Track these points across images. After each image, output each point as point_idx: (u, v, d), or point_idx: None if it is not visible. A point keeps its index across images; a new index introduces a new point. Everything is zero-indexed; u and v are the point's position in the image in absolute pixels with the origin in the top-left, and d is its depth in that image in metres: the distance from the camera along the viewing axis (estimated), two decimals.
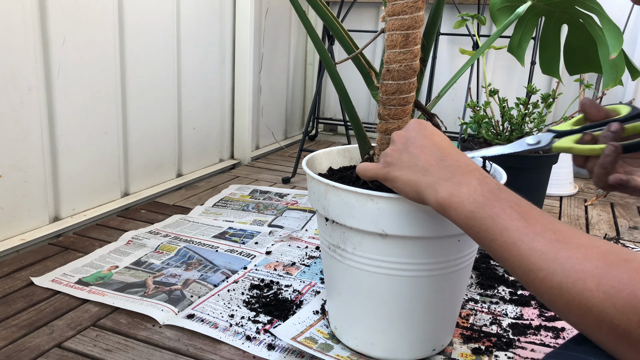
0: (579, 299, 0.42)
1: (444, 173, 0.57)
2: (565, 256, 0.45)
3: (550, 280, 0.45)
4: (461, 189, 0.55)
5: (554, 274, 0.45)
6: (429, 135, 0.63)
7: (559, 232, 0.47)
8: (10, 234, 1.18)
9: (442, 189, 0.56)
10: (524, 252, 0.47)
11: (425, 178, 0.59)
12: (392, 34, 0.69)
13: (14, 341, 0.84)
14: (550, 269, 0.45)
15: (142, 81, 1.51)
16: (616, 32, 0.79)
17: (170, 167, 1.70)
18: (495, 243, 0.50)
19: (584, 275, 0.43)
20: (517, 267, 0.48)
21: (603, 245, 0.44)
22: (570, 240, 0.46)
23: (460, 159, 0.59)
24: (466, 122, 1.40)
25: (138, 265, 1.11)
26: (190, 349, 0.84)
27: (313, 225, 1.38)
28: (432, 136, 0.62)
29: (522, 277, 0.48)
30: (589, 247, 0.44)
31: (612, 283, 0.41)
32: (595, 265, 0.42)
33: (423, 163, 0.60)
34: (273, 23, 2.20)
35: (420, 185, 0.59)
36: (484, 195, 0.53)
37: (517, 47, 1.04)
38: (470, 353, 0.84)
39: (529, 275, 0.47)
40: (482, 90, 2.21)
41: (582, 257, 0.44)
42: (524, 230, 0.48)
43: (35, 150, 1.20)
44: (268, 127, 2.32)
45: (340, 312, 0.83)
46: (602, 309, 0.41)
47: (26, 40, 1.14)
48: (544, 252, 0.46)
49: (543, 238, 0.47)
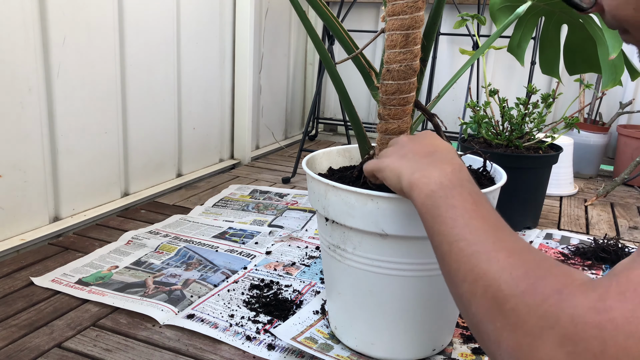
0: (482, 265, 0.43)
1: (426, 161, 0.59)
2: (495, 235, 0.46)
3: (467, 248, 0.45)
4: (434, 172, 0.56)
5: (473, 244, 0.45)
6: (429, 137, 0.65)
7: (501, 223, 0.48)
8: (10, 234, 1.18)
9: (418, 171, 0.58)
10: (459, 225, 0.48)
11: (408, 164, 0.60)
12: (392, 34, 0.69)
13: (14, 341, 0.84)
14: (474, 240, 0.46)
15: (142, 81, 1.51)
16: (616, 33, 0.78)
17: (170, 167, 1.70)
18: (438, 218, 0.51)
19: (500, 248, 0.44)
20: (446, 237, 0.49)
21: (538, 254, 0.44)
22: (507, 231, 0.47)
23: (450, 154, 0.60)
24: (466, 122, 1.40)
25: (138, 265, 1.11)
26: (190, 349, 0.84)
27: (313, 225, 1.38)
28: (432, 139, 0.65)
29: (444, 248, 0.48)
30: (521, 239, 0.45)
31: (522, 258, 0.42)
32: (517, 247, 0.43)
33: (413, 154, 0.62)
34: (273, 23, 2.20)
35: (401, 169, 0.60)
36: (450, 180, 0.54)
37: (517, 47, 1.04)
38: (470, 353, 0.84)
39: (450, 245, 0.47)
40: (482, 90, 2.21)
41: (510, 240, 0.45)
42: (469, 210, 0.49)
43: (35, 150, 1.20)
44: (268, 127, 2.32)
45: (340, 312, 0.83)
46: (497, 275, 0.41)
47: (26, 40, 1.14)
48: (476, 228, 0.47)
49: (484, 220, 0.48)
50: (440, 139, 0.66)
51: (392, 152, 0.65)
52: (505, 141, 1.36)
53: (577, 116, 1.41)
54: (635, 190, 1.92)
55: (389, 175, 0.62)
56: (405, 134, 0.75)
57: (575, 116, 1.38)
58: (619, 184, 1.72)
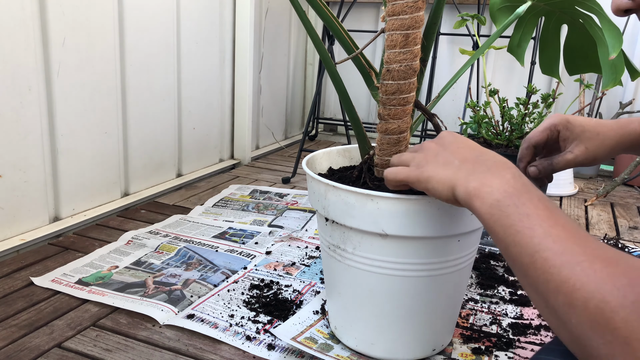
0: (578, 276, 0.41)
1: (480, 167, 0.56)
2: (580, 243, 0.43)
3: (555, 259, 0.43)
4: (494, 180, 0.53)
5: (561, 254, 0.43)
6: (464, 140, 0.63)
7: (581, 230, 0.45)
8: (10, 234, 1.18)
9: (474, 179, 0.55)
10: (538, 235, 0.46)
11: (459, 172, 0.57)
12: (392, 34, 0.69)
13: (14, 341, 0.84)
14: (560, 249, 0.43)
15: (142, 81, 1.51)
16: (616, 33, 0.78)
17: (170, 167, 1.70)
18: (512, 228, 0.48)
19: (593, 258, 0.41)
20: (525, 249, 0.46)
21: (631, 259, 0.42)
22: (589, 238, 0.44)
23: (497, 157, 0.58)
24: (466, 122, 1.40)
25: (138, 265, 1.11)
26: (190, 349, 0.84)
27: (313, 225, 1.38)
28: (467, 141, 0.62)
29: (524, 260, 0.46)
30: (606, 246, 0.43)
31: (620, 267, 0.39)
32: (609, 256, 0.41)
33: (459, 159, 0.59)
34: (273, 23, 2.20)
35: (453, 179, 0.57)
36: (515, 187, 0.51)
37: (517, 47, 1.04)
38: (470, 353, 0.84)
39: (532, 256, 0.45)
40: (482, 90, 2.21)
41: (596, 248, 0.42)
42: (545, 218, 0.47)
43: (35, 150, 1.20)
44: (268, 127, 2.32)
45: (340, 312, 0.83)
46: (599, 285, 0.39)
47: (26, 40, 1.14)
48: (559, 237, 0.44)
49: (563, 228, 0.45)
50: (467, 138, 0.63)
51: (427, 160, 0.62)
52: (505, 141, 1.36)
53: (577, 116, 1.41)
54: (635, 190, 1.91)
55: (437, 186, 0.59)
56: (406, 132, 0.75)
57: None
58: (619, 184, 1.72)
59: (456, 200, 0.58)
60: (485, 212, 0.52)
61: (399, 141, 0.75)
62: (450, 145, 0.62)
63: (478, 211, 0.53)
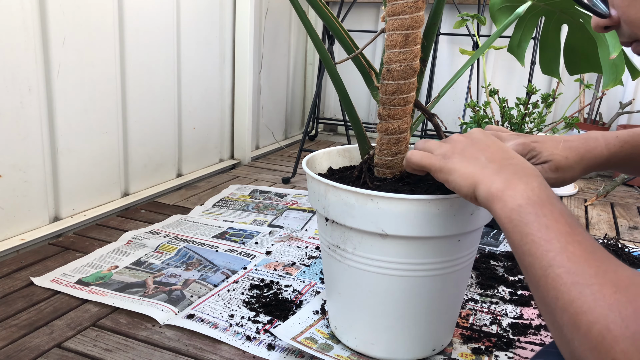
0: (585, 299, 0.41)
1: (507, 169, 0.55)
2: (594, 264, 0.43)
3: (566, 277, 0.43)
4: (519, 185, 0.52)
5: (572, 273, 0.43)
6: (494, 139, 0.61)
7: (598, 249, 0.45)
8: (10, 234, 1.18)
9: (499, 180, 0.54)
10: (554, 249, 0.45)
11: (485, 170, 0.56)
12: (392, 34, 0.69)
13: (14, 341, 0.84)
14: (573, 268, 0.43)
15: (142, 81, 1.51)
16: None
17: (170, 167, 1.70)
18: (529, 237, 0.48)
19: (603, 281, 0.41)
20: (539, 261, 0.46)
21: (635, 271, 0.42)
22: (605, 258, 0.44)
23: (526, 163, 0.57)
24: (466, 122, 1.40)
25: (138, 265, 1.11)
26: (190, 349, 0.84)
27: (313, 225, 1.38)
28: (497, 141, 0.61)
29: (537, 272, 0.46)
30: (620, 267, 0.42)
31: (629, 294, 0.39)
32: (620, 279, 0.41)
33: (487, 157, 0.58)
34: (273, 23, 2.20)
35: (478, 176, 0.56)
36: (539, 196, 0.50)
37: (517, 47, 1.04)
38: (470, 353, 0.84)
39: (545, 270, 0.45)
40: (482, 90, 2.21)
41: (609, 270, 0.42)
42: (564, 233, 0.46)
43: (35, 150, 1.20)
44: (268, 127, 2.32)
45: (340, 312, 0.83)
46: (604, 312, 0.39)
47: (26, 40, 1.14)
48: (575, 255, 0.44)
49: (580, 245, 0.45)
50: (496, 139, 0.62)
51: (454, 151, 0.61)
52: None
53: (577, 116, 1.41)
54: (635, 190, 1.92)
55: (458, 180, 0.58)
56: (406, 132, 0.75)
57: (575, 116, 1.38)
58: (619, 184, 1.72)
59: (476, 198, 0.57)
60: (505, 217, 0.52)
61: (399, 141, 0.75)
62: (480, 142, 0.60)
63: (498, 214, 0.53)
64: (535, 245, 0.47)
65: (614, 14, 0.51)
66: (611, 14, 0.52)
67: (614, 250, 1.23)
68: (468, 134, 0.63)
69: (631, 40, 0.52)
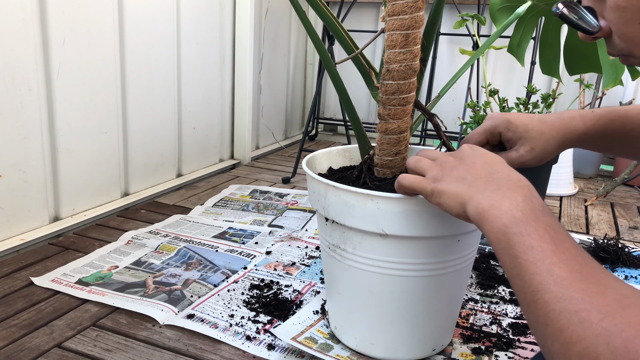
0: (574, 328, 0.41)
1: (491, 185, 0.55)
2: (581, 287, 0.43)
3: (554, 303, 0.43)
4: (503, 202, 0.52)
5: (560, 299, 0.43)
6: (481, 155, 0.61)
7: (585, 265, 0.45)
8: (10, 234, 1.18)
9: (485, 199, 0.54)
10: (540, 272, 0.45)
11: (471, 189, 0.56)
12: (392, 34, 0.69)
13: (14, 341, 0.84)
14: (560, 293, 0.43)
15: (142, 81, 1.51)
16: None
17: (170, 167, 1.70)
18: (517, 260, 0.48)
19: (591, 307, 0.41)
20: (527, 285, 0.46)
21: (624, 289, 0.42)
22: (592, 275, 0.44)
23: (512, 175, 0.56)
24: (466, 122, 1.40)
25: (138, 265, 1.11)
26: (190, 349, 0.84)
27: (313, 225, 1.38)
28: (485, 155, 0.61)
29: (527, 297, 0.46)
30: (609, 286, 0.42)
31: (617, 322, 0.39)
32: (607, 303, 0.41)
33: (472, 176, 0.58)
34: (273, 23, 2.20)
35: (465, 196, 0.56)
36: (524, 213, 0.50)
37: (517, 47, 1.04)
38: (470, 353, 0.84)
39: (534, 295, 0.45)
40: (482, 90, 2.21)
41: (597, 292, 0.42)
42: (549, 253, 0.46)
43: (35, 150, 1.20)
44: (268, 127, 2.32)
45: (340, 312, 0.83)
46: (593, 343, 0.39)
47: (26, 40, 1.14)
48: (561, 278, 0.44)
49: (566, 265, 0.45)
50: (492, 154, 0.61)
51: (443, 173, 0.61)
52: None
53: None
54: (635, 190, 1.92)
55: (448, 201, 0.58)
56: (406, 132, 0.75)
57: None
58: (619, 184, 1.72)
59: (466, 216, 0.57)
60: (493, 238, 0.52)
61: (399, 141, 0.75)
62: (467, 160, 0.61)
63: (488, 236, 0.53)
64: (523, 268, 0.47)
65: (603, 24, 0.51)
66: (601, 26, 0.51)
67: (614, 250, 1.23)
68: (457, 151, 0.63)
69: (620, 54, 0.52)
